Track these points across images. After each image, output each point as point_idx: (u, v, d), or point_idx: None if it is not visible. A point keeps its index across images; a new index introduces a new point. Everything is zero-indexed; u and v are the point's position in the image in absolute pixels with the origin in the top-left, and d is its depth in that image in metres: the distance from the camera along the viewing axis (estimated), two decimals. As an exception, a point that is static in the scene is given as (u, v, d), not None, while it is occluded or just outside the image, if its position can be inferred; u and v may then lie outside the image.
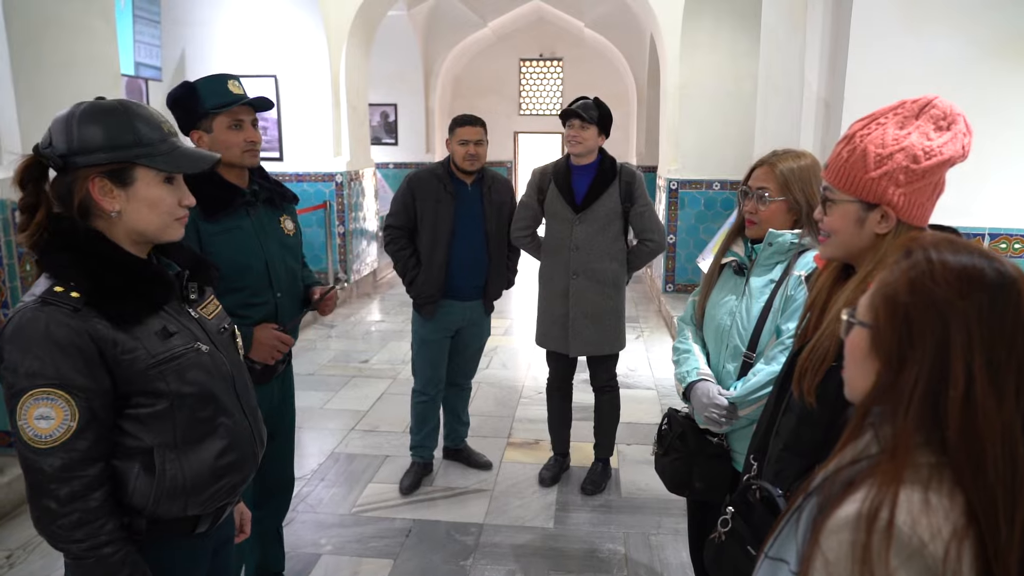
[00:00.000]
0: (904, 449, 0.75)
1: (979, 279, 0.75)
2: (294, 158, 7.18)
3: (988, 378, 0.73)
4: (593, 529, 2.92)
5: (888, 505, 0.72)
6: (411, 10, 9.99)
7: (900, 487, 0.73)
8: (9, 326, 1.12)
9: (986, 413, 0.73)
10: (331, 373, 4.93)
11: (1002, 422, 0.73)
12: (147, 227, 1.22)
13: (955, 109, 1.18)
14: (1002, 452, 0.72)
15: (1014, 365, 0.74)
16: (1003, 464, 0.72)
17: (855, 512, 0.73)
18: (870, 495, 0.73)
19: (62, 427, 1.10)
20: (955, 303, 0.75)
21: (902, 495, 0.72)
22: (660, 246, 3.03)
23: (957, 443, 0.73)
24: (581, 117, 2.86)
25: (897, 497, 0.72)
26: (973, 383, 0.73)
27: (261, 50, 6.94)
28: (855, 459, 0.80)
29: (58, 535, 1.13)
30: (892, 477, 0.74)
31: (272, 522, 2.34)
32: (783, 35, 3.04)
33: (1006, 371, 0.74)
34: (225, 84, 1.93)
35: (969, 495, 0.72)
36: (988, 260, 0.77)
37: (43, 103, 3.16)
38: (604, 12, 9.99)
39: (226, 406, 1.31)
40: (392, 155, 11.04)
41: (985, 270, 0.76)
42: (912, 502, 0.72)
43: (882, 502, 0.72)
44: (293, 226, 2.18)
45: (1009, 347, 0.74)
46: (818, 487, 0.82)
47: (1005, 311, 0.74)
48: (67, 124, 1.15)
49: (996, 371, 0.74)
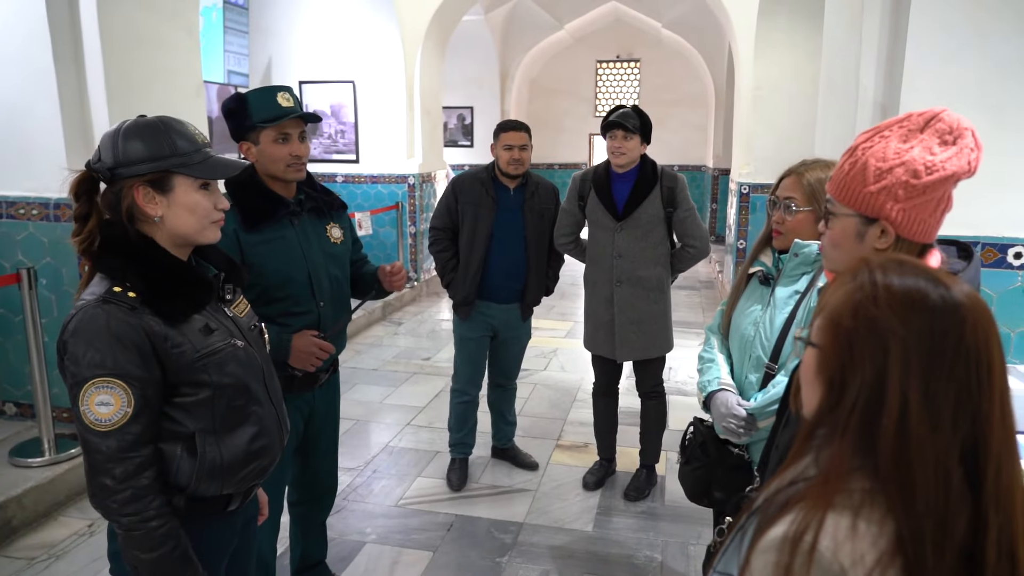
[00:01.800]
0: (837, 473, 0.74)
1: (921, 304, 0.74)
2: (369, 160, 7.45)
3: (923, 406, 0.72)
4: (632, 535, 2.92)
5: (813, 529, 0.72)
6: (488, 14, 10.15)
7: (828, 511, 0.72)
8: (72, 322, 1.24)
9: (919, 442, 0.71)
10: (394, 369, 5.10)
11: (935, 452, 0.71)
12: (187, 230, 1.34)
13: (963, 123, 1.13)
14: (934, 482, 0.71)
15: (952, 395, 0.72)
16: (934, 494, 0.71)
17: (782, 534, 0.74)
18: (798, 518, 0.73)
19: (119, 413, 1.22)
20: (895, 329, 0.74)
21: (829, 520, 0.72)
22: (701, 252, 2.99)
23: (889, 470, 0.72)
24: (624, 127, 2.85)
25: (823, 521, 0.72)
26: (907, 411, 0.72)
27: (340, 56, 7.24)
28: (794, 480, 0.80)
29: (112, 509, 1.25)
30: (822, 501, 0.73)
31: (316, 518, 2.44)
32: (842, 36, 2.94)
33: (943, 400, 0.72)
34: (275, 97, 1.95)
35: (900, 522, 0.71)
36: (935, 284, 0.75)
37: (133, 114, 3.40)
38: (682, 12, 9.83)
39: (258, 396, 1.43)
40: (468, 157, 11.24)
41: (929, 295, 0.74)
42: (838, 527, 0.72)
43: (808, 525, 0.72)
44: (341, 234, 2.19)
45: (947, 376, 0.72)
46: (760, 506, 0.82)
47: (945, 339, 0.73)
48: (113, 140, 1.29)
49: (932, 400, 0.72)
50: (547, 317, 6.50)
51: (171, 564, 1.26)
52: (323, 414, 2.26)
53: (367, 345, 5.73)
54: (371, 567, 2.70)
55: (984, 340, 0.74)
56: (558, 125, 12.69)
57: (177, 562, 1.27)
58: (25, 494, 2.91)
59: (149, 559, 1.25)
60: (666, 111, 12.12)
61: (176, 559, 1.27)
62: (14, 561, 2.68)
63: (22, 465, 3.11)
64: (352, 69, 7.27)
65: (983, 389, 0.73)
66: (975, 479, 0.73)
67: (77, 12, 3.26)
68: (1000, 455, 0.73)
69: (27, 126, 3.32)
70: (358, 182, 7.56)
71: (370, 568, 2.69)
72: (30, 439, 3.31)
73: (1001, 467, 0.73)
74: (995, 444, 0.73)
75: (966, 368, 0.73)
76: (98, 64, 3.30)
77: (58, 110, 3.27)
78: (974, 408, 0.73)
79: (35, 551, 2.75)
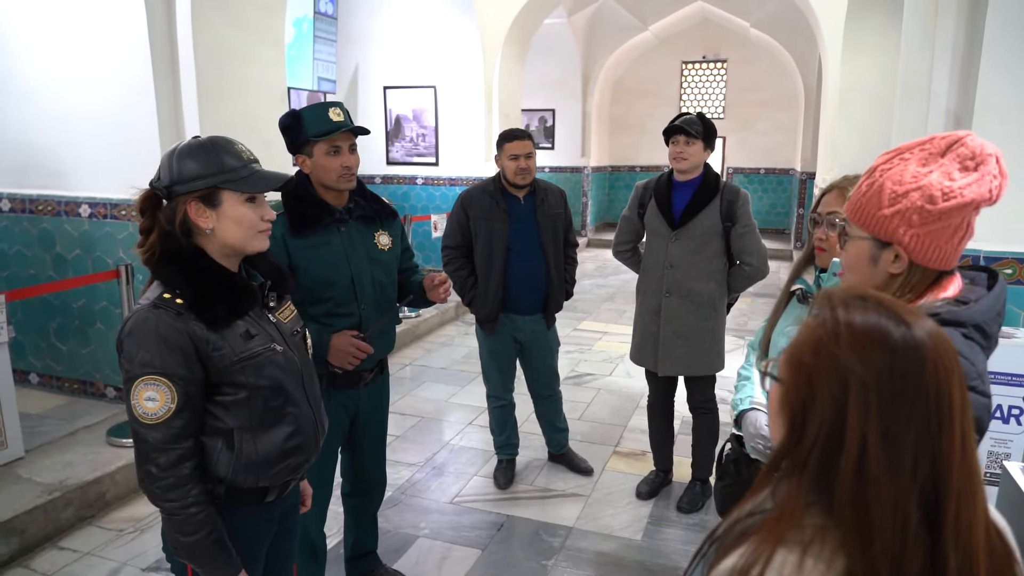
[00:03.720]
0: (791, 509, 0.75)
1: (881, 343, 0.73)
2: (449, 163, 7.64)
3: (882, 448, 0.71)
4: (680, 547, 2.90)
5: (761, 563, 0.72)
6: (571, 16, 10.17)
7: (778, 546, 0.73)
8: (128, 324, 1.39)
9: (877, 485, 0.71)
10: (462, 369, 5.23)
11: (894, 495, 0.71)
12: (234, 240, 1.47)
13: (987, 149, 1.09)
14: (891, 525, 0.70)
15: (911, 436, 0.71)
16: (891, 537, 0.70)
17: (731, 566, 0.75)
18: (748, 551, 0.74)
19: (164, 408, 1.36)
20: (855, 368, 0.73)
21: (778, 554, 0.72)
22: (758, 271, 2.91)
23: (846, 511, 0.72)
24: (687, 132, 2.83)
25: (772, 556, 0.72)
26: (866, 452, 0.71)
27: (422, 62, 7.46)
28: (752, 512, 0.81)
29: (156, 494, 1.39)
30: (772, 536, 0.74)
31: (366, 510, 2.55)
32: (917, 40, 2.81)
33: (903, 442, 0.71)
34: (326, 113, 2.05)
35: (852, 561, 0.71)
36: (896, 323, 0.74)
37: (221, 123, 3.68)
38: (771, 11, 9.53)
39: (295, 398, 1.54)
40: (549, 159, 11.31)
41: (890, 334, 0.73)
42: (786, 563, 0.72)
43: (757, 559, 0.73)
44: (389, 241, 2.28)
45: (907, 417, 0.71)
46: (720, 535, 0.83)
47: (905, 380, 0.72)
48: (169, 161, 1.43)
49: (892, 441, 0.71)
50: (618, 322, 6.48)
51: (207, 547, 1.39)
52: (369, 412, 2.35)
53: (438, 344, 5.89)
54: (421, 560, 2.80)
55: (945, 380, 0.73)
56: (641, 127, 12.55)
57: (213, 546, 1.40)
58: (118, 471, 3.20)
59: (188, 542, 1.38)
60: (753, 112, 11.78)
61: (212, 543, 1.40)
62: (105, 532, 2.96)
63: (117, 444, 3.41)
64: (433, 74, 7.48)
65: (943, 430, 0.72)
66: (935, 519, 0.72)
67: (175, 30, 3.55)
68: (960, 496, 0.72)
69: (128, 134, 3.64)
70: (437, 184, 7.76)
71: (420, 561, 2.80)
72: (125, 421, 3.62)
73: (961, 508, 0.72)
74: (955, 485, 0.72)
75: (926, 409, 0.72)
76: (191, 77, 3.58)
77: (155, 119, 3.56)
78: (934, 449, 0.72)
79: (124, 524, 3.02)
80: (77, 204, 3.86)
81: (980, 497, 0.74)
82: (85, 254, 3.90)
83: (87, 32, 3.63)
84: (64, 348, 4.09)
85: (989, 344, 1.13)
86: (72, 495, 2.99)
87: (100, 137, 3.73)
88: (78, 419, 3.74)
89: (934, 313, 1.09)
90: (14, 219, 4.07)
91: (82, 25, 3.64)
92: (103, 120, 3.69)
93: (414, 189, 7.88)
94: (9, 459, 3.19)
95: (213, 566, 1.41)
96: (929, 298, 1.14)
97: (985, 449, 2.17)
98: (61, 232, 3.94)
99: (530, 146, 3.06)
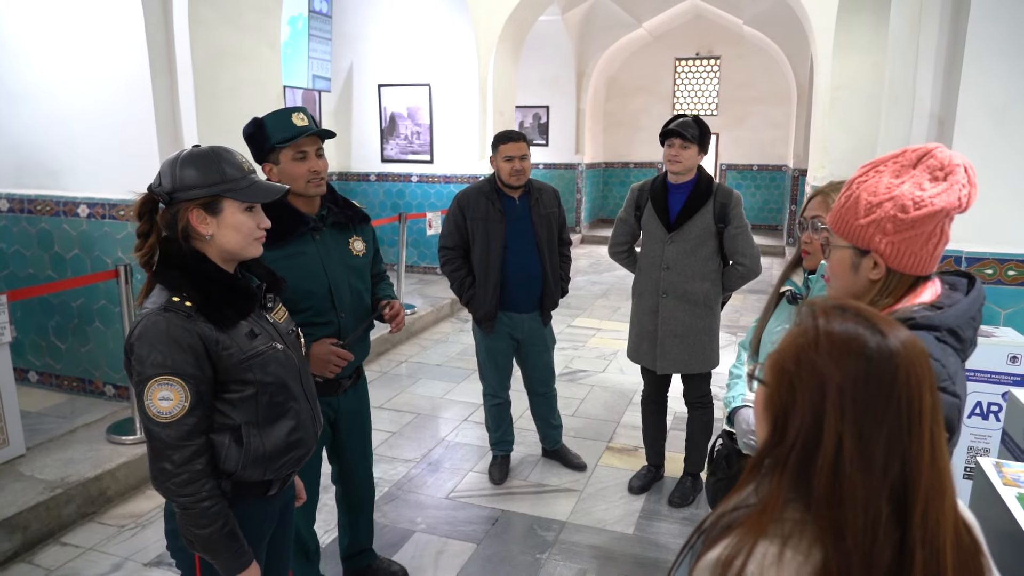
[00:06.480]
0: (773, 504, 0.80)
1: (857, 351, 0.78)
2: (443, 161, 7.68)
3: (856, 449, 0.76)
4: (671, 540, 2.96)
5: (743, 554, 0.78)
6: (565, 14, 10.20)
7: (760, 538, 0.78)
8: (138, 328, 1.44)
9: (851, 483, 0.76)
10: (457, 366, 5.28)
11: (866, 492, 0.76)
12: (233, 246, 1.52)
13: (955, 160, 1.16)
14: (863, 520, 0.76)
15: (883, 438, 0.76)
16: (863, 532, 0.75)
17: (716, 557, 0.80)
18: (732, 543, 0.80)
19: (178, 407, 1.41)
20: (832, 374, 0.78)
21: (759, 546, 0.78)
22: (751, 271, 2.97)
23: (821, 507, 0.77)
24: (682, 136, 2.88)
25: (754, 548, 0.78)
26: (841, 452, 0.77)
27: (417, 60, 7.49)
28: (737, 506, 0.86)
29: (171, 490, 1.44)
30: (755, 529, 0.79)
31: (360, 514, 2.56)
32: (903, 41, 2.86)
33: (875, 443, 0.76)
34: (289, 118, 1.99)
35: (827, 553, 0.76)
36: (872, 331, 0.79)
37: (218, 123, 3.72)
38: (764, 8, 9.58)
39: (295, 393, 1.60)
40: (543, 156, 11.36)
41: (866, 342, 0.78)
42: (767, 554, 0.77)
43: (739, 550, 0.78)
44: (363, 247, 2.25)
45: (880, 420, 0.77)
46: (707, 528, 0.88)
47: (879, 385, 0.77)
48: (172, 168, 1.47)
49: (865, 442, 0.76)
50: (612, 319, 6.55)
51: (221, 539, 1.45)
52: (350, 419, 2.35)
53: (433, 341, 5.94)
54: (418, 554, 2.86)
55: (916, 386, 0.78)
56: (635, 124, 12.61)
57: (226, 538, 1.46)
58: (118, 468, 3.24)
59: (203, 535, 1.44)
60: (746, 109, 11.85)
61: (225, 535, 1.45)
62: (107, 528, 3.01)
63: (117, 442, 3.45)
64: (428, 72, 7.52)
65: (913, 433, 0.78)
66: (903, 515, 0.77)
67: (171, 30, 3.57)
68: (928, 494, 0.77)
69: (126, 134, 3.67)
70: (432, 182, 7.80)
71: (417, 555, 2.85)
72: (125, 419, 3.66)
73: (929, 505, 0.77)
74: (924, 484, 0.77)
75: (897, 413, 0.77)
76: (188, 77, 3.60)
77: (153, 119, 3.59)
78: (904, 450, 0.77)
79: (124, 520, 3.07)
80: (75, 204, 3.89)
81: (949, 494, 0.80)
82: (83, 254, 3.93)
83: (85, 32, 3.66)
84: (63, 346, 4.12)
85: (963, 347, 1.18)
86: (73, 492, 3.03)
87: (98, 137, 3.76)
88: (78, 417, 3.78)
89: (910, 317, 1.15)
90: (13, 219, 4.10)
91: (80, 25, 3.67)
92: (101, 120, 3.72)
93: (409, 187, 7.92)
94: (11, 456, 3.23)
95: (228, 557, 1.47)
96: (907, 303, 1.20)
97: (965, 445, 2.23)
98: (59, 232, 3.97)
99: (525, 148, 3.09)
